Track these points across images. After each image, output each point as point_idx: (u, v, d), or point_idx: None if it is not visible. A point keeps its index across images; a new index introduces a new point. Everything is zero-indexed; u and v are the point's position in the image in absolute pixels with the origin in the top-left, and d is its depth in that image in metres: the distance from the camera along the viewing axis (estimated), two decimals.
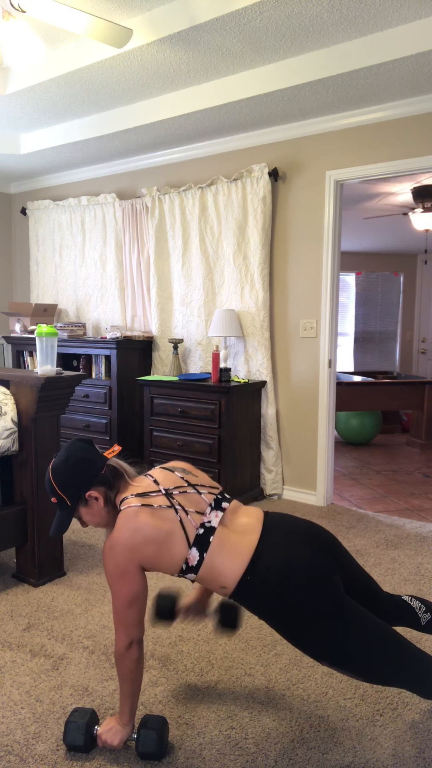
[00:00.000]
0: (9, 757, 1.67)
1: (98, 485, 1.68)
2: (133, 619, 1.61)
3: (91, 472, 1.68)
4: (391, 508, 4.05)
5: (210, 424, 3.88)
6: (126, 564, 1.59)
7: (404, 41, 2.85)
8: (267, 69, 3.27)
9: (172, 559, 1.61)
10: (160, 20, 2.87)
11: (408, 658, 1.57)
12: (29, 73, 3.48)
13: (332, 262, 3.85)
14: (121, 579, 1.59)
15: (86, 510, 1.70)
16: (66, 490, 1.67)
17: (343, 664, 1.54)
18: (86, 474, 1.67)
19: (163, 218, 4.51)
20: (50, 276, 5.37)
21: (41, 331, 2.59)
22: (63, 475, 1.68)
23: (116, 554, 1.58)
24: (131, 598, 1.60)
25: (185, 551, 1.60)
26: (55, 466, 1.69)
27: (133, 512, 1.60)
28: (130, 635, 1.61)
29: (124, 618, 1.61)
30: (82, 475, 1.67)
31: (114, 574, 1.59)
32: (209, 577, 1.61)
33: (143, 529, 1.58)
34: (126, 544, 1.58)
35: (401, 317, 8.71)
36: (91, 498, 1.68)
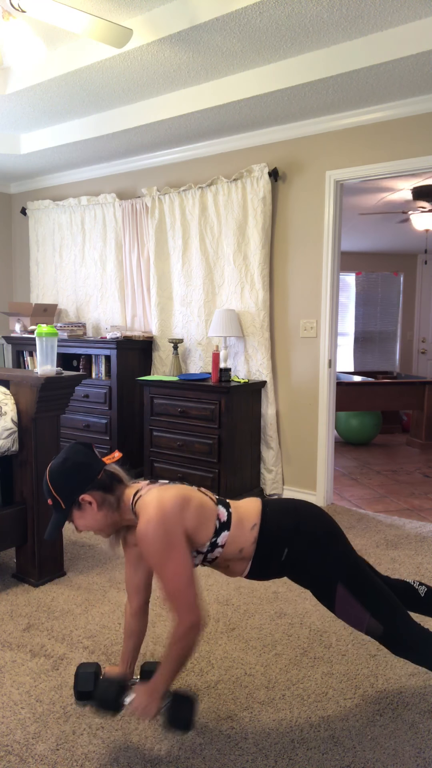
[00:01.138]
0: (9, 757, 1.68)
1: (94, 489, 1.68)
2: (192, 595, 1.57)
3: (86, 476, 1.68)
4: (391, 508, 4.05)
5: (210, 424, 3.88)
6: (170, 532, 1.58)
7: (404, 41, 2.85)
8: (267, 69, 3.27)
9: (207, 517, 1.67)
10: (160, 20, 2.87)
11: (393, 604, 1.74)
12: (29, 73, 3.48)
13: (332, 262, 3.85)
14: (171, 552, 1.57)
15: (79, 514, 1.70)
16: (61, 492, 1.68)
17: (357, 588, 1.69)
18: (82, 477, 1.68)
19: (163, 218, 4.51)
20: (50, 276, 5.37)
21: (41, 331, 2.59)
22: (59, 477, 1.68)
23: (157, 526, 1.57)
24: (186, 571, 1.58)
25: (214, 508, 1.71)
26: (52, 468, 1.70)
27: (155, 490, 1.66)
28: (196, 612, 1.57)
29: (187, 596, 1.56)
30: (77, 479, 1.68)
31: (160, 549, 1.56)
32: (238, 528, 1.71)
33: (173, 494, 1.64)
34: (164, 511, 1.59)
35: (401, 317, 8.71)
36: (84, 502, 1.68)
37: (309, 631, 2.38)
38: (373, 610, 1.69)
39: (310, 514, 1.77)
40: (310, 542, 1.71)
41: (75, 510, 1.70)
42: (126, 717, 1.68)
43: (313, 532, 1.73)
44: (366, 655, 2.21)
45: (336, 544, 1.73)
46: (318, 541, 1.72)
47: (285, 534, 1.72)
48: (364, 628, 1.70)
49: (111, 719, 1.71)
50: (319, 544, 1.72)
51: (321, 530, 1.74)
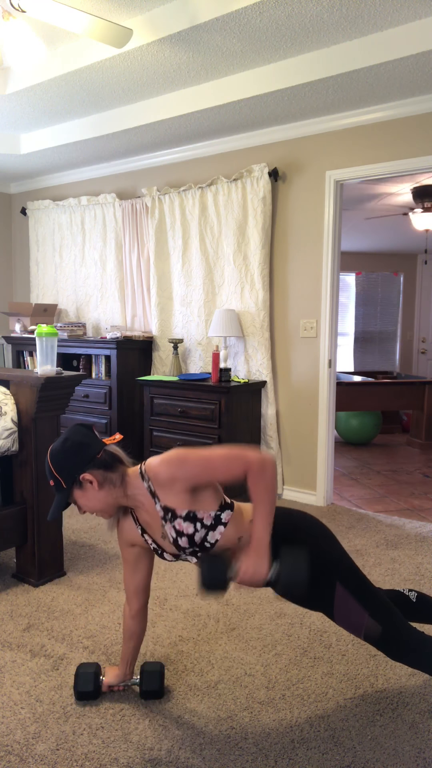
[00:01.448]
0: (9, 757, 1.67)
1: (94, 468, 1.69)
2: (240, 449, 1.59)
3: (86, 454, 1.69)
4: (391, 508, 4.05)
5: (210, 424, 3.88)
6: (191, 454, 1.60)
7: (404, 41, 2.85)
8: (267, 69, 3.27)
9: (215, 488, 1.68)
10: (160, 20, 2.87)
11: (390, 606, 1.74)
12: (29, 73, 3.48)
13: (332, 262, 3.85)
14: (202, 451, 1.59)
15: (81, 493, 1.70)
16: (61, 471, 1.68)
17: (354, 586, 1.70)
18: (82, 456, 1.68)
19: (163, 218, 4.51)
20: (50, 276, 5.37)
21: (41, 331, 2.59)
22: (59, 456, 1.69)
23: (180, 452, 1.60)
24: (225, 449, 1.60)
25: (221, 490, 1.73)
26: (52, 449, 1.72)
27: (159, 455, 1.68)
28: (255, 453, 1.58)
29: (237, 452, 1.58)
30: (77, 458, 1.68)
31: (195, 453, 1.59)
32: (239, 516, 1.71)
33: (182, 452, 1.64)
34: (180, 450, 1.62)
35: (401, 317, 8.71)
36: (85, 481, 1.68)
37: (309, 631, 2.38)
38: (372, 610, 1.69)
39: (304, 516, 1.79)
40: (309, 540, 1.72)
41: (76, 490, 1.70)
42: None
43: (310, 531, 1.74)
44: (366, 655, 2.21)
45: (332, 545, 1.75)
46: (315, 541, 1.73)
47: (283, 532, 1.73)
48: (363, 629, 1.70)
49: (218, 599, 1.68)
50: (317, 543, 1.73)
51: (316, 530, 1.76)
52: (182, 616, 2.49)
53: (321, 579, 1.71)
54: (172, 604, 2.59)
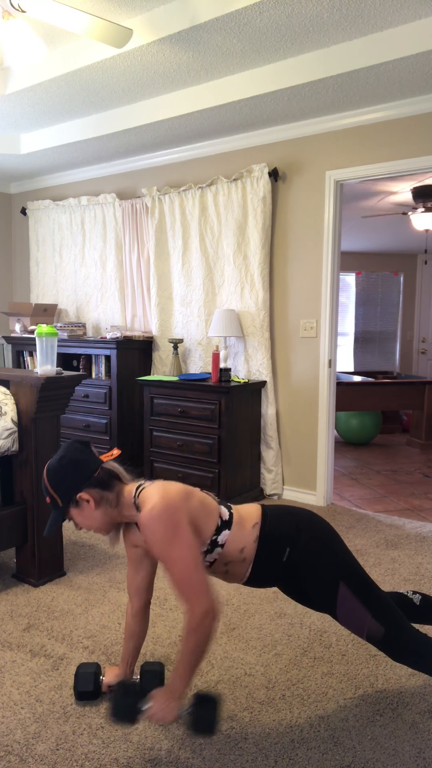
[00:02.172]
0: (9, 757, 1.67)
1: (91, 487, 1.68)
2: (204, 581, 1.53)
3: (83, 473, 1.68)
4: (391, 508, 4.05)
5: (210, 424, 3.88)
6: (177, 518, 1.56)
7: (404, 41, 2.85)
8: (267, 69, 3.27)
9: (209, 513, 1.67)
10: (160, 20, 2.87)
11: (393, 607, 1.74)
12: (29, 73, 3.48)
13: (332, 262, 3.85)
14: (177, 538, 1.54)
15: (77, 512, 1.70)
16: (58, 489, 1.68)
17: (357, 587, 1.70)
18: (78, 475, 1.67)
19: (163, 218, 4.51)
20: (50, 276, 5.37)
21: (41, 331, 2.59)
22: (55, 474, 1.68)
23: (162, 513, 1.55)
24: (194, 557, 1.54)
25: (216, 507, 1.73)
26: (49, 466, 1.70)
27: (157, 483, 1.67)
28: (208, 598, 1.52)
29: (196, 582, 1.52)
30: (74, 476, 1.67)
31: (166, 536, 1.54)
32: (239, 527, 1.72)
33: (177, 487, 1.65)
34: (169, 499, 1.59)
35: (401, 317, 8.71)
36: (82, 500, 1.68)
37: (309, 631, 2.38)
38: (375, 611, 1.69)
39: (307, 516, 1.80)
40: (311, 541, 1.72)
41: (73, 508, 1.70)
42: (145, 724, 1.64)
43: (313, 532, 1.74)
44: (366, 655, 2.21)
45: (336, 543, 1.75)
46: (318, 540, 1.73)
47: (286, 532, 1.73)
48: (365, 629, 1.70)
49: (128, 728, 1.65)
50: (320, 542, 1.73)
51: (320, 530, 1.76)
52: (182, 616, 2.49)
53: (324, 578, 1.71)
54: (172, 604, 2.59)
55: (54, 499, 1.69)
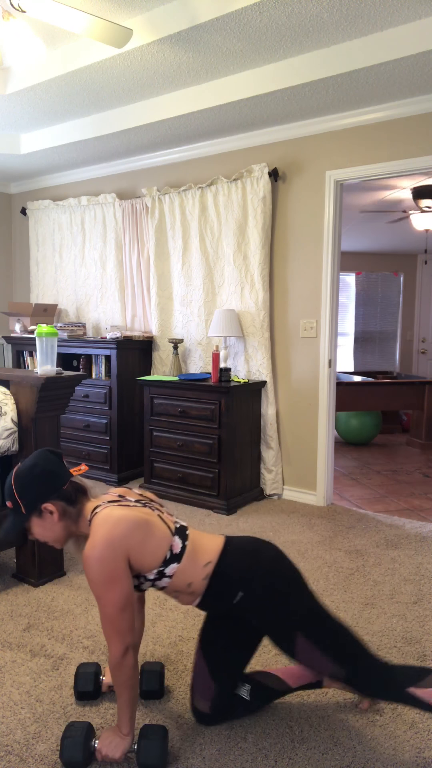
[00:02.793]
0: (9, 757, 1.67)
1: (57, 499, 1.66)
2: (127, 624, 1.57)
3: (53, 484, 1.66)
4: (391, 508, 4.05)
5: (210, 424, 3.88)
6: (113, 562, 1.55)
7: (404, 41, 2.85)
8: (267, 69, 3.27)
9: (157, 545, 1.62)
10: (160, 20, 2.87)
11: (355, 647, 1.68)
12: (29, 73, 3.48)
13: (332, 262, 3.85)
14: (109, 582, 1.55)
15: (39, 521, 1.67)
16: (24, 497, 1.64)
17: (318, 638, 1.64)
18: (48, 485, 1.65)
19: (163, 218, 4.51)
20: (50, 276, 5.37)
21: (41, 331, 2.59)
22: (24, 482, 1.65)
23: (102, 554, 1.54)
24: (123, 602, 1.56)
25: (169, 538, 1.66)
26: (19, 471, 1.67)
27: (109, 510, 1.62)
28: (125, 641, 1.57)
29: (118, 625, 1.56)
30: (43, 486, 1.65)
31: (101, 578, 1.54)
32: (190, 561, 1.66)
33: (125, 518, 1.59)
34: (111, 538, 1.56)
35: (401, 317, 8.71)
36: (46, 510, 1.65)
37: None
38: (336, 658, 1.64)
39: (270, 558, 1.71)
40: (267, 588, 1.65)
41: (35, 517, 1.66)
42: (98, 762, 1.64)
43: (272, 579, 1.67)
44: None
45: (296, 591, 1.67)
46: (275, 589, 1.65)
47: (241, 576, 1.67)
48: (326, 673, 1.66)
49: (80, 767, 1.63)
50: (277, 592, 1.65)
51: (280, 577, 1.67)
52: (182, 616, 2.49)
53: (279, 628, 1.66)
54: (172, 604, 2.59)
55: (18, 505, 1.65)
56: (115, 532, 1.57)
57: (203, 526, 3.60)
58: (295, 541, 3.38)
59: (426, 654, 2.21)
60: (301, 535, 3.47)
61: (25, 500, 1.64)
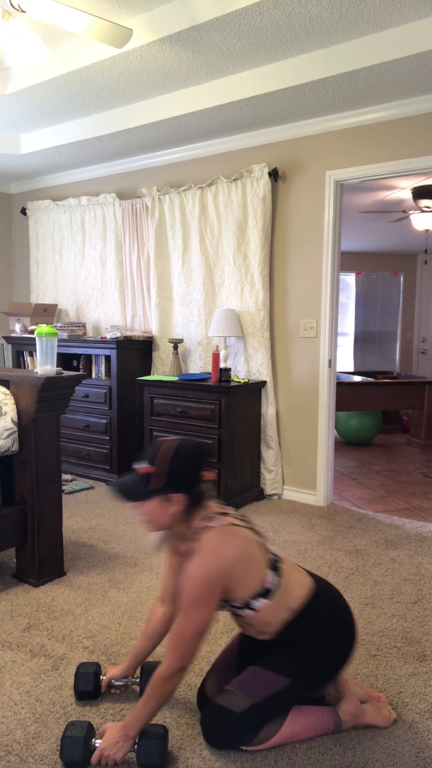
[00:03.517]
0: (9, 757, 1.67)
1: (187, 494, 1.64)
2: (195, 647, 1.59)
3: (194, 481, 1.65)
4: (391, 508, 4.05)
5: (210, 424, 3.88)
6: (214, 587, 1.57)
7: (404, 41, 2.85)
8: (267, 69, 3.27)
9: (252, 579, 1.64)
10: (160, 20, 2.87)
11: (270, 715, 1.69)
12: (29, 73, 3.48)
13: (332, 262, 3.85)
14: (202, 603, 1.57)
15: (157, 502, 1.63)
16: (172, 475, 1.60)
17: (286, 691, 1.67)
18: (190, 480, 1.64)
19: (163, 218, 4.51)
20: (50, 276, 5.37)
21: (41, 331, 2.59)
22: (178, 465, 1.61)
23: (207, 576, 1.56)
24: (203, 626, 1.59)
25: (264, 572, 1.67)
26: (179, 453, 1.62)
27: (222, 533, 1.62)
28: (185, 661, 1.59)
29: (188, 644, 1.58)
30: (187, 478, 1.63)
31: (197, 596, 1.56)
32: (278, 602, 1.67)
33: (236, 547, 1.61)
34: (220, 565, 1.58)
35: (401, 317, 8.71)
36: (173, 499, 1.63)
37: None
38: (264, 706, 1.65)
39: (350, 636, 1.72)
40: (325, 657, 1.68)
41: (158, 496, 1.63)
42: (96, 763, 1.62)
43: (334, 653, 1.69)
44: (366, 655, 2.21)
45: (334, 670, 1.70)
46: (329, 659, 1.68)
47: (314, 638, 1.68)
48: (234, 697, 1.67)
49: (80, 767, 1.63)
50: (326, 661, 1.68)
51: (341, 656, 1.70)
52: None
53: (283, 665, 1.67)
54: None
55: (158, 477, 1.61)
56: (225, 561, 1.58)
57: None
58: (295, 541, 3.38)
59: (426, 654, 2.22)
60: (301, 535, 3.47)
61: (171, 479, 1.61)
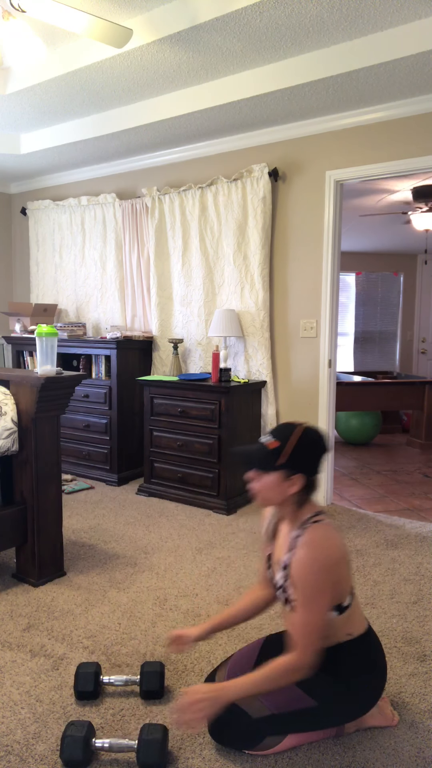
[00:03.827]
0: (9, 757, 1.67)
1: (306, 478, 1.66)
2: (320, 638, 1.59)
3: (316, 467, 1.66)
4: (391, 508, 4.05)
5: (210, 424, 3.88)
6: (333, 575, 1.58)
7: (404, 41, 2.85)
8: (267, 69, 3.27)
9: (341, 588, 1.64)
10: (160, 20, 2.87)
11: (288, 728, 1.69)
12: (29, 73, 3.48)
13: (332, 262, 3.85)
14: (324, 591, 1.57)
15: (277, 479, 1.64)
16: (297, 454, 1.62)
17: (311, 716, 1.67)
18: (314, 464, 1.65)
19: (163, 218, 4.51)
20: (50, 276, 5.37)
21: (41, 331, 2.59)
22: (307, 446, 1.63)
23: (327, 564, 1.57)
24: (325, 619, 1.59)
25: (349, 587, 1.68)
26: (309, 436, 1.65)
27: (331, 529, 1.64)
28: (314, 656, 1.58)
29: (319, 634, 1.58)
30: (312, 461, 1.64)
31: (319, 584, 1.56)
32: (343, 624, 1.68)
33: (343, 549, 1.62)
34: (338, 555, 1.59)
35: (401, 317, 8.71)
36: (294, 479, 1.64)
37: None
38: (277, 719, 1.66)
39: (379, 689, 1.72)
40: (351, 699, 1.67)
41: (280, 473, 1.64)
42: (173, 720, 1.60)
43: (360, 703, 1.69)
44: None
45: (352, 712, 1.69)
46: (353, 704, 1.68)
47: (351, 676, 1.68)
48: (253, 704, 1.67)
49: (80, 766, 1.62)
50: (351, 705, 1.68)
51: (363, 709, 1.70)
52: (182, 616, 2.49)
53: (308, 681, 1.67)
54: (172, 604, 2.59)
55: (285, 454, 1.62)
56: (336, 554, 1.59)
57: (203, 526, 3.60)
58: None
59: (426, 654, 2.22)
60: None
61: (292, 458, 1.63)
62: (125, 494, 4.25)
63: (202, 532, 3.51)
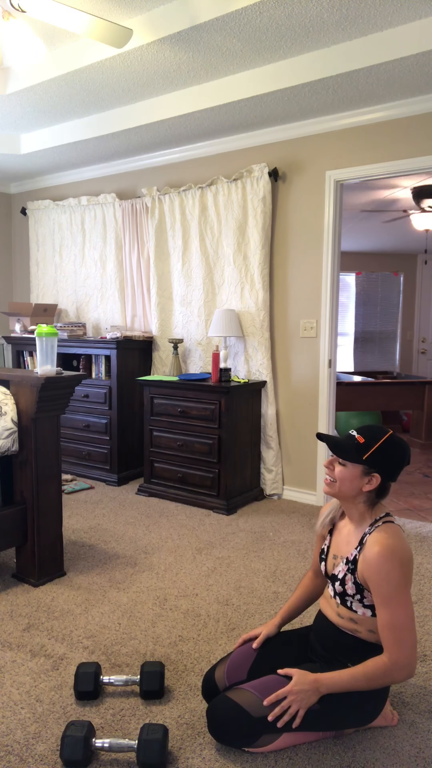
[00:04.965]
0: (9, 757, 1.67)
1: (384, 480, 1.70)
2: (415, 636, 1.60)
3: (396, 471, 1.70)
4: (391, 508, 4.05)
5: (210, 424, 3.88)
6: (408, 572, 1.60)
7: (404, 41, 2.85)
8: (267, 69, 3.27)
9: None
10: (160, 20, 2.87)
11: None
12: (29, 73, 3.48)
13: (332, 262, 3.85)
14: (405, 586, 1.59)
15: (358, 473, 1.68)
16: (377, 453, 1.66)
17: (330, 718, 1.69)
18: (396, 469, 1.69)
19: (163, 218, 4.51)
20: (50, 276, 5.37)
21: (41, 331, 2.59)
22: (394, 450, 1.68)
23: (405, 559, 1.59)
24: (413, 612, 1.60)
25: None
26: (396, 441, 1.70)
27: (401, 530, 1.68)
28: (415, 656, 1.58)
29: (412, 635, 1.58)
30: (394, 466, 1.68)
31: (402, 579, 1.58)
32: None
33: (410, 550, 1.65)
34: (409, 555, 1.61)
35: (401, 317, 8.71)
36: (372, 478, 1.68)
37: None
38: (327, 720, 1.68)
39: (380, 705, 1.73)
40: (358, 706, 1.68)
41: (363, 469, 1.68)
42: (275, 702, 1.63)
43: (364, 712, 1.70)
44: None
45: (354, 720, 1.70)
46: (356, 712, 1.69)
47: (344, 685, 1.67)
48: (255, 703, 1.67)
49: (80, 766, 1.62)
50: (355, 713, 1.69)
51: (364, 720, 1.71)
52: (182, 616, 2.49)
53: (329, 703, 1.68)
54: (172, 604, 2.59)
55: (367, 448, 1.67)
56: (410, 553, 1.62)
57: (203, 526, 3.60)
58: (295, 541, 3.38)
59: (426, 654, 2.22)
60: (301, 535, 3.47)
61: (377, 457, 1.67)
62: (125, 494, 4.26)
63: (202, 532, 3.51)
